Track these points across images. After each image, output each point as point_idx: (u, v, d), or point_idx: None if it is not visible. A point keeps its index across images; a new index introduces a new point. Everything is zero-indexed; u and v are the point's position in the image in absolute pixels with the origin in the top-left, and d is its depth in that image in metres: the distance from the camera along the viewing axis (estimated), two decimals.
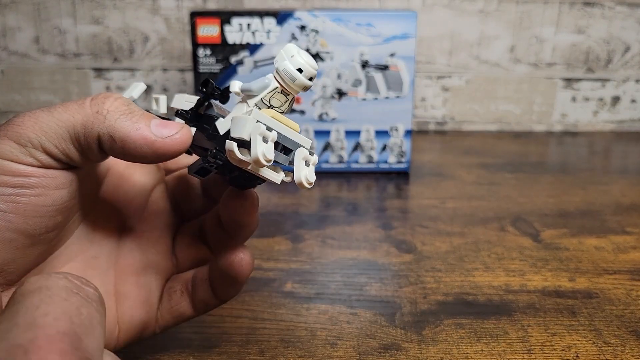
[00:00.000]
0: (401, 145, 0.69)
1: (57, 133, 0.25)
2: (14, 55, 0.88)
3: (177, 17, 0.87)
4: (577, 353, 0.35)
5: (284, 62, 0.26)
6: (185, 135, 0.26)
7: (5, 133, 0.24)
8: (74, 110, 0.25)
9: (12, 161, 0.24)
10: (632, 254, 0.49)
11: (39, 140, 0.24)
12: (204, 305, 0.32)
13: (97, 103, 0.25)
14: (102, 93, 0.26)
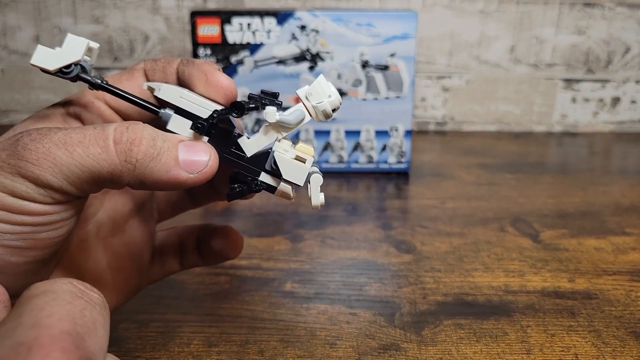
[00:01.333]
0: (401, 146, 0.69)
1: (79, 177, 0.23)
2: (14, 54, 0.88)
3: (178, 17, 0.87)
4: (577, 354, 0.35)
5: (322, 101, 0.28)
6: (214, 164, 0.26)
7: (18, 170, 0.23)
8: (98, 156, 0.23)
9: (30, 201, 0.23)
10: (631, 254, 0.49)
11: (60, 184, 0.23)
12: (193, 265, 0.35)
13: (123, 150, 0.23)
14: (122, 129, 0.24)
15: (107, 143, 0.23)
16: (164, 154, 0.24)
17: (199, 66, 0.28)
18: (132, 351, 0.35)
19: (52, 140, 0.23)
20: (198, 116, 0.27)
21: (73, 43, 0.26)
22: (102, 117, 0.28)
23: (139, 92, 0.29)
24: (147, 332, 0.37)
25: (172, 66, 0.29)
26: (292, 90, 0.67)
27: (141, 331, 0.37)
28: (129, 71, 0.29)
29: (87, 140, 0.23)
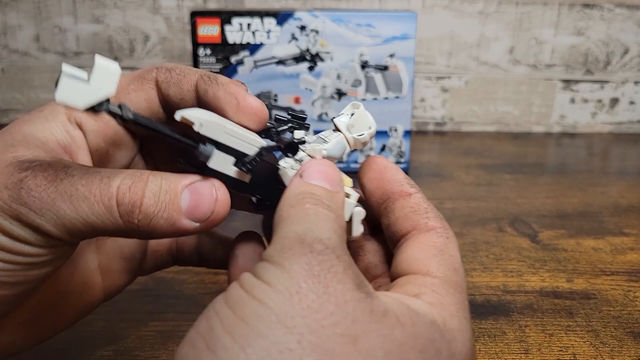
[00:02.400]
0: (400, 146, 0.69)
1: (81, 231, 0.23)
2: (14, 53, 0.89)
3: (178, 17, 0.87)
4: (575, 354, 0.35)
5: (364, 134, 0.28)
6: (221, 210, 0.25)
7: (19, 215, 0.22)
8: (102, 215, 0.23)
9: (25, 244, 0.23)
10: (629, 255, 0.49)
11: (60, 234, 0.23)
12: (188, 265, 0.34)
13: (125, 212, 0.23)
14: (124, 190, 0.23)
15: (112, 203, 0.23)
16: (167, 210, 0.23)
17: (226, 87, 0.27)
18: (132, 350, 0.35)
19: (58, 190, 0.22)
20: (242, 152, 0.25)
21: (104, 73, 0.22)
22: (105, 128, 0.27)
23: (147, 105, 0.28)
24: (147, 331, 0.37)
25: (190, 80, 0.28)
26: (292, 90, 0.67)
27: (140, 330, 0.37)
28: (138, 80, 0.28)
29: (93, 198, 0.22)
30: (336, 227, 0.22)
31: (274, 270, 0.20)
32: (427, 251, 0.25)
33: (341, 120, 0.28)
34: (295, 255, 0.20)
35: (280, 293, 0.19)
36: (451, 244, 0.26)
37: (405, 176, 0.28)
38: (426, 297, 0.23)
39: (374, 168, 0.28)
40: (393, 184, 0.28)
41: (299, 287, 0.19)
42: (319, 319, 0.19)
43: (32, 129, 0.25)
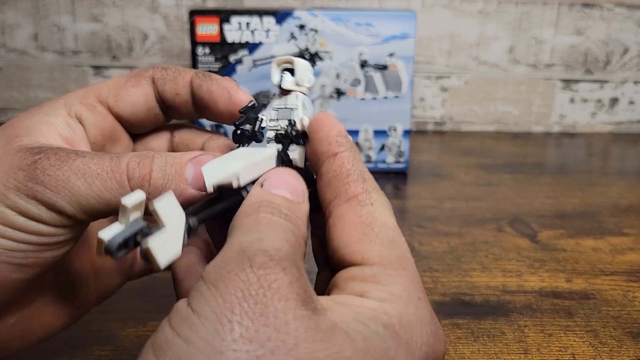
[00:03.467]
0: (399, 145, 0.69)
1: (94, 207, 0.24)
2: (12, 52, 0.88)
3: (176, 16, 0.87)
4: (574, 354, 0.35)
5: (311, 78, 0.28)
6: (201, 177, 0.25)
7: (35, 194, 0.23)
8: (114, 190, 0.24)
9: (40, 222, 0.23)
10: (629, 255, 0.49)
11: (74, 211, 0.24)
12: None
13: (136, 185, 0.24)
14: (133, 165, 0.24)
15: (123, 178, 0.24)
16: (174, 181, 0.25)
17: (219, 82, 0.28)
18: (130, 350, 0.35)
19: (72, 168, 0.23)
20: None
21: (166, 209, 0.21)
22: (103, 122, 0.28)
23: (144, 100, 0.29)
24: (144, 331, 0.37)
25: (185, 78, 0.29)
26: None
27: (138, 330, 0.37)
28: (136, 77, 0.29)
29: (105, 174, 0.23)
30: (290, 236, 0.21)
31: (206, 295, 0.19)
32: (354, 232, 0.23)
33: (287, 82, 0.28)
34: (232, 272, 0.19)
35: (209, 325, 0.18)
36: (379, 210, 0.23)
37: (339, 132, 0.27)
38: (372, 293, 0.21)
39: (313, 127, 0.27)
40: (322, 144, 0.26)
41: (232, 314, 0.18)
42: (253, 350, 0.17)
43: (34, 122, 0.26)
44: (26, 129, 0.25)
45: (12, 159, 0.24)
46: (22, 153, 0.24)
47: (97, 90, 0.28)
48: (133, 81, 0.29)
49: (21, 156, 0.24)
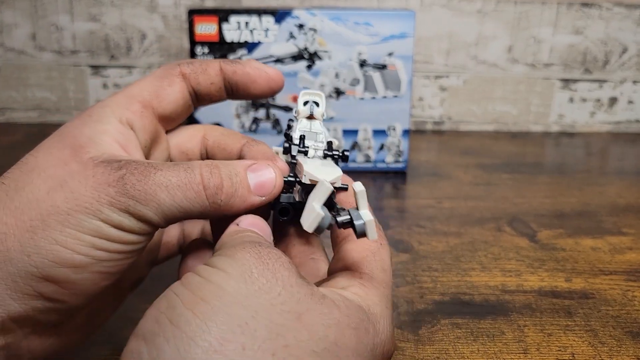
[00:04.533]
0: (398, 145, 0.69)
1: (175, 215, 0.27)
2: (10, 51, 0.88)
3: (175, 15, 0.87)
4: (573, 353, 0.35)
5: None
6: (280, 181, 0.29)
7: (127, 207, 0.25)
8: (193, 199, 0.27)
9: (130, 233, 0.26)
10: (628, 254, 0.49)
11: (159, 220, 0.26)
12: None
13: (211, 194, 0.27)
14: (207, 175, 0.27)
15: (200, 189, 0.27)
16: (239, 189, 0.28)
17: (250, 64, 0.32)
18: None
19: (155, 182, 0.26)
20: None
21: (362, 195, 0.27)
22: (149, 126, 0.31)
23: (181, 96, 0.31)
24: None
25: (214, 67, 0.32)
26: (290, 88, 0.67)
27: None
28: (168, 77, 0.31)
29: (184, 185, 0.26)
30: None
31: (228, 260, 0.23)
32: (361, 253, 0.28)
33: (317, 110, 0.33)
34: (246, 248, 0.24)
35: (234, 278, 0.22)
36: (383, 250, 0.29)
37: None
38: (353, 289, 0.26)
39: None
40: None
41: (251, 273, 0.23)
42: (269, 299, 0.22)
43: (94, 132, 0.28)
44: (89, 140, 0.27)
45: (95, 174, 0.26)
46: (102, 168, 0.26)
47: (138, 95, 0.30)
48: (167, 81, 0.31)
49: (103, 171, 0.26)
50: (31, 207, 0.25)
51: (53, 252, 0.25)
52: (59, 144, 0.27)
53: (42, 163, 0.26)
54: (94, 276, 0.26)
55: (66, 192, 0.25)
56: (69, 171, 0.26)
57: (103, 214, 0.25)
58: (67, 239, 0.25)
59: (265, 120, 0.68)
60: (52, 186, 0.25)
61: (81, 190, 0.25)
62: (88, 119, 0.28)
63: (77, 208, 0.25)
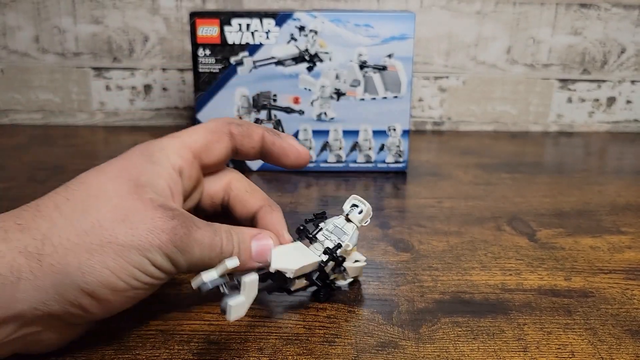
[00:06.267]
0: (399, 145, 0.69)
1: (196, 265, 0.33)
2: (13, 54, 0.89)
3: (177, 17, 0.87)
4: (573, 351, 0.36)
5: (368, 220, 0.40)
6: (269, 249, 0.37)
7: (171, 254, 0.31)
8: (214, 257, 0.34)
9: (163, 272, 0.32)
10: (627, 253, 0.49)
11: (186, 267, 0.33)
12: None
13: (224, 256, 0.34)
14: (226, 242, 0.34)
15: (219, 252, 0.34)
16: (243, 254, 0.35)
17: (287, 139, 0.39)
18: (132, 349, 0.35)
19: (195, 239, 0.32)
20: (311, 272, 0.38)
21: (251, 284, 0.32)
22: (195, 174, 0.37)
23: (225, 152, 0.38)
24: (147, 330, 0.37)
25: (257, 133, 0.38)
26: (291, 90, 0.67)
27: (141, 329, 0.37)
28: (218, 133, 0.37)
29: (210, 247, 0.33)
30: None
31: None
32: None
33: (354, 217, 0.39)
34: None
35: None
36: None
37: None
38: None
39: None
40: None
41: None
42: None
43: (153, 174, 0.33)
44: (148, 181, 0.32)
45: (153, 217, 0.31)
46: (160, 213, 0.31)
47: (192, 145, 0.36)
48: (217, 137, 0.37)
49: (160, 217, 0.31)
50: (95, 232, 0.29)
51: (103, 275, 0.29)
52: (122, 177, 0.32)
53: (107, 192, 0.31)
54: (125, 300, 0.31)
55: (127, 227, 0.30)
56: (132, 208, 0.31)
57: (151, 254, 0.30)
58: (117, 266, 0.30)
59: (267, 121, 0.69)
60: (116, 217, 0.30)
61: (140, 230, 0.30)
62: (148, 160, 0.34)
63: (132, 244, 0.30)
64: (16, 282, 0.28)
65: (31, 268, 0.28)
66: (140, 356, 0.34)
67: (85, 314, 0.30)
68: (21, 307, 0.28)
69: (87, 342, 0.35)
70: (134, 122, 0.92)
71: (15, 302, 0.28)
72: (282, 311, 0.40)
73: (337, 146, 0.69)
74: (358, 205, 0.40)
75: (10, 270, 0.28)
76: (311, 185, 0.66)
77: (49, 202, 0.31)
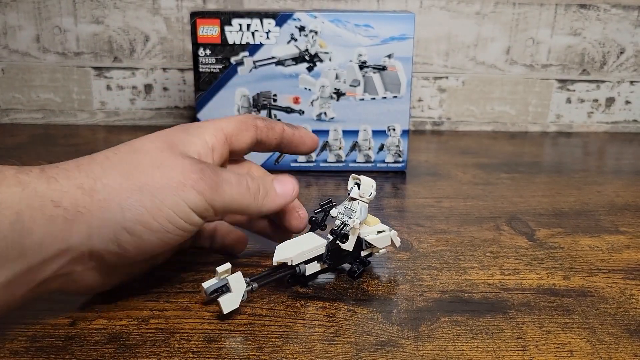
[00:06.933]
0: (398, 145, 0.70)
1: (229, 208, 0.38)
2: (14, 53, 0.89)
3: (177, 17, 0.87)
4: (572, 350, 0.36)
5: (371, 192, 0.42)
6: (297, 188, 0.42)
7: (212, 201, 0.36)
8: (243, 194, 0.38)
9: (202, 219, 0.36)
10: (625, 253, 0.50)
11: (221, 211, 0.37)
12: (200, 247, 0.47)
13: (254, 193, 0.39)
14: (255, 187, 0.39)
15: (247, 189, 0.38)
16: (270, 191, 0.40)
17: (304, 131, 0.45)
18: (132, 347, 0.35)
19: (223, 178, 0.37)
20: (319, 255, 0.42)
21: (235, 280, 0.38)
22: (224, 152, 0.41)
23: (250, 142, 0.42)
24: (147, 329, 0.37)
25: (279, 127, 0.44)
26: (291, 90, 0.67)
27: (141, 327, 0.37)
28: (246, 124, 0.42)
29: (238, 184, 0.38)
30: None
31: None
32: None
33: (353, 192, 0.42)
34: None
35: None
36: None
37: None
38: None
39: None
40: None
41: None
42: None
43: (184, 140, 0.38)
44: (180, 142, 0.37)
45: (183, 163, 0.35)
46: (188, 160, 0.36)
47: (225, 128, 0.41)
48: (245, 126, 0.42)
49: (190, 162, 0.35)
50: (135, 176, 0.34)
51: (139, 213, 0.33)
52: (160, 139, 0.37)
53: (146, 148, 0.36)
54: (157, 242, 0.35)
55: (161, 172, 0.34)
56: (166, 158, 0.35)
57: (184, 193, 0.34)
58: (153, 206, 0.34)
59: None
60: (153, 164, 0.35)
61: (172, 173, 0.34)
62: (184, 131, 0.39)
63: (167, 185, 0.34)
64: (74, 215, 0.32)
65: (85, 203, 0.32)
66: (140, 354, 0.34)
67: (123, 252, 0.34)
68: (73, 241, 0.32)
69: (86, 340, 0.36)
70: (135, 121, 0.92)
71: (70, 235, 0.32)
72: (282, 310, 0.40)
73: (336, 146, 0.70)
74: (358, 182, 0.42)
75: (71, 204, 0.32)
76: (311, 185, 0.66)
77: (100, 154, 0.35)
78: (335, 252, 0.42)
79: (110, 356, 0.34)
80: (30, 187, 0.31)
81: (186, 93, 0.91)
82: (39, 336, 0.36)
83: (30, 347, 0.35)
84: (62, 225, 0.32)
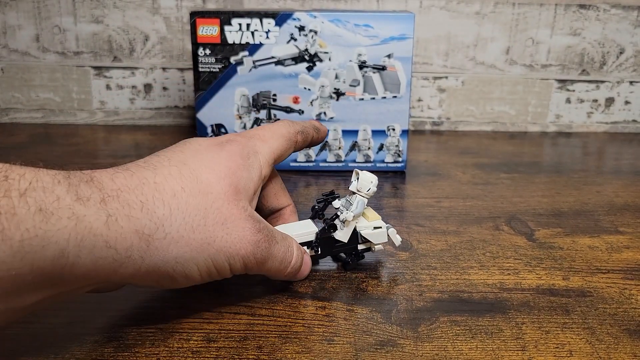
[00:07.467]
0: (398, 145, 0.70)
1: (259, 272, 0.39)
2: (14, 53, 0.89)
3: (177, 17, 0.87)
4: (571, 350, 0.36)
5: (370, 188, 0.43)
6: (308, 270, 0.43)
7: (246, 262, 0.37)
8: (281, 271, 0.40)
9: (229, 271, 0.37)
10: (625, 253, 0.50)
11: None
12: None
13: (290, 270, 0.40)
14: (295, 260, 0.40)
15: (286, 266, 0.39)
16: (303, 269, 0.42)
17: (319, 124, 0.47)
18: (132, 347, 0.35)
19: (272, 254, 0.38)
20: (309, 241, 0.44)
21: None
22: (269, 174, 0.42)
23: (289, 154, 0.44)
24: (147, 328, 0.37)
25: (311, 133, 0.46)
26: (291, 90, 0.67)
27: (140, 327, 0.37)
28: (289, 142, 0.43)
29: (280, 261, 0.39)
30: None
31: None
32: None
33: (352, 186, 0.43)
34: None
35: None
36: None
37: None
38: None
39: None
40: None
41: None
42: None
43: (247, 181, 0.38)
44: (244, 187, 0.37)
45: (244, 227, 0.36)
46: (250, 225, 0.36)
47: (275, 152, 0.42)
48: (289, 145, 0.43)
49: (250, 229, 0.36)
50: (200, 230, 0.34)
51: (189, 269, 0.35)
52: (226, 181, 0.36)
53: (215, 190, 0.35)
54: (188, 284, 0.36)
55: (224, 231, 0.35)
56: (230, 214, 0.35)
57: (233, 260, 0.36)
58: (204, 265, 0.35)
59: (267, 120, 0.69)
60: (217, 220, 0.35)
61: (232, 237, 0.35)
62: (246, 163, 0.38)
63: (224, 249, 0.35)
64: (125, 260, 0.31)
65: (140, 250, 0.31)
66: (139, 354, 0.35)
67: (156, 287, 0.36)
68: (115, 279, 0.32)
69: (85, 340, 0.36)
70: (134, 121, 0.92)
71: (115, 274, 0.31)
72: (282, 309, 0.40)
73: (336, 146, 0.70)
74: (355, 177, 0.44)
75: (125, 248, 0.31)
76: (310, 184, 0.66)
77: (166, 185, 0.33)
78: (326, 240, 0.44)
79: (110, 355, 0.34)
80: (85, 222, 0.28)
81: (186, 93, 0.91)
82: (39, 336, 0.36)
83: (30, 347, 0.35)
84: (110, 266, 0.30)
